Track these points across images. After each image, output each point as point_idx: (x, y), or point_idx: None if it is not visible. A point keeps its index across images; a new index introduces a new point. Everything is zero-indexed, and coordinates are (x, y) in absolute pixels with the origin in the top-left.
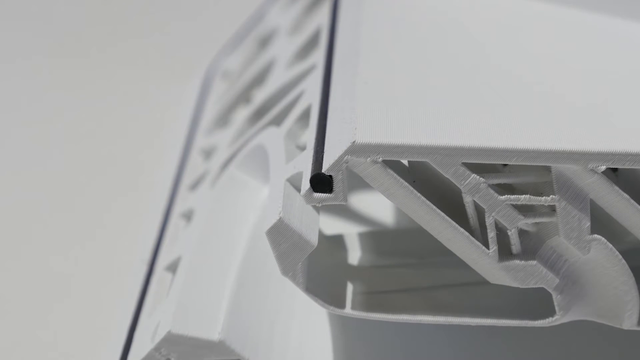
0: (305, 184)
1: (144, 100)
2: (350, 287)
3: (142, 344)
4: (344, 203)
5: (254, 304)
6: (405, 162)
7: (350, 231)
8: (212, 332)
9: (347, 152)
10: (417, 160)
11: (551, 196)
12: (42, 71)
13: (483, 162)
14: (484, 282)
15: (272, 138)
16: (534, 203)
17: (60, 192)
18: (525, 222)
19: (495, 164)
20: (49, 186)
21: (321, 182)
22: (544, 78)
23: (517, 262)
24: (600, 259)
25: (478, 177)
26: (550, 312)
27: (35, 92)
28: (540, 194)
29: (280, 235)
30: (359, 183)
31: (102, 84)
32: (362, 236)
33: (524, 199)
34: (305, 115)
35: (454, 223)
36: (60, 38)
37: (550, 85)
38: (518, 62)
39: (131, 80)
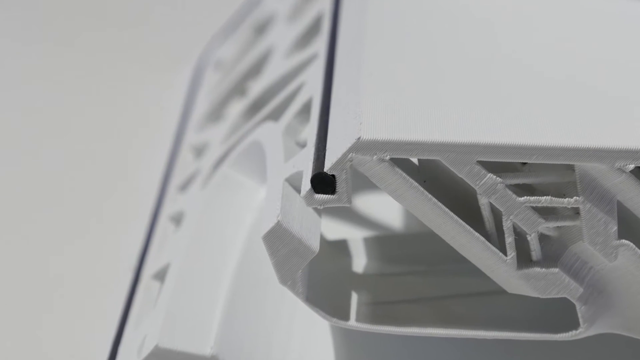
0: (306, 185)
1: (129, 93)
2: (354, 297)
3: (128, 359)
4: (348, 205)
5: (250, 316)
6: (415, 160)
7: (355, 236)
8: (204, 346)
9: (351, 150)
10: (429, 158)
11: (575, 198)
12: (20, 61)
13: (500, 160)
14: (500, 292)
15: (270, 134)
16: (555, 205)
17: (37, 193)
18: (547, 226)
19: (513, 163)
20: (23, 187)
21: (323, 182)
22: (562, 69)
23: (537, 269)
24: (628, 266)
25: (495, 176)
26: (574, 325)
27: (10, 84)
28: (563, 196)
29: (279, 240)
30: (364, 183)
31: (83, 75)
32: (368, 241)
33: (544, 200)
34: (305, 109)
35: (468, 227)
36: (40, 25)
37: (570, 76)
38: (534, 51)
39: (114, 71)
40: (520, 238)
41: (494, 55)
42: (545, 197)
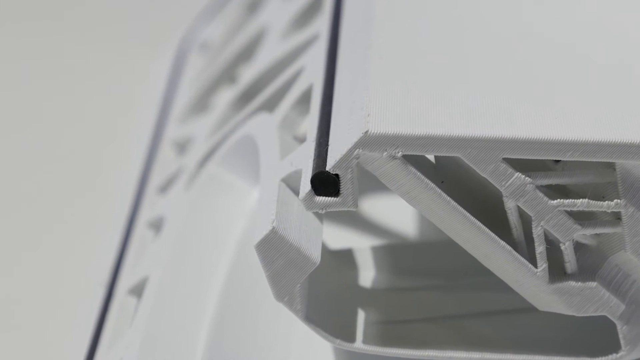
0: (305, 185)
1: (102, 79)
2: (361, 316)
3: None
4: (354, 209)
5: (241, 337)
6: (431, 157)
7: (362, 245)
8: None
9: (357, 145)
10: (447, 155)
11: (615, 200)
12: None
13: (530, 157)
14: (530, 309)
15: (263, 127)
16: (593, 209)
17: None
18: (583, 233)
19: (545, 160)
20: None
21: (325, 183)
22: (599, 51)
23: (572, 283)
24: None
25: (524, 176)
26: (614, 347)
27: None
28: (602, 198)
29: (274, 249)
30: (372, 184)
31: (46, 60)
32: (377, 251)
33: (581, 204)
34: (304, 99)
35: (492, 234)
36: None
37: (609, 59)
38: (569, 31)
39: (86, 55)
40: (553, 247)
41: (522, 35)
42: (581, 199)
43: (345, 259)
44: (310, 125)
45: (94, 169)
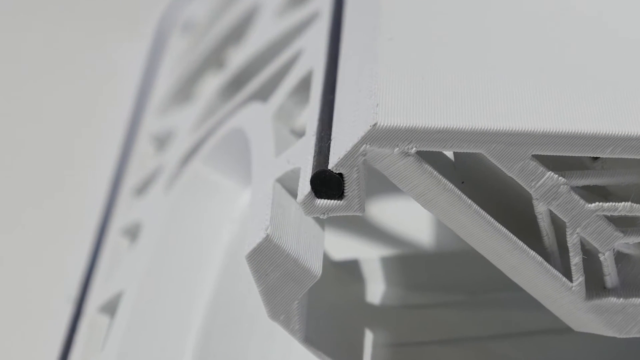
0: (305, 187)
1: (69, 64)
2: (368, 337)
3: None
4: (361, 214)
5: None
6: (450, 154)
7: (369, 255)
8: None
9: (365, 140)
10: (468, 151)
11: None
12: None
13: (564, 154)
14: (563, 330)
15: (256, 119)
16: (637, 214)
17: None
18: (625, 242)
19: (581, 158)
20: None
21: (327, 184)
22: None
23: (613, 299)
24: None
25: (557, 176)
26: None
27: None
28: None
29: (268, 261)
30: (382, 185)
31: (15, 41)
32: (386, 263)
33: (623, 207)
34: (303, 86)
35: (520, 243)
36: None
37: None
38: (604, 7)
39: (50, 35)
40: (590, 258)
41: (554, 12)
42: (623, 203)
43: (350, 271)
44: (310, 116)
45: (59, 167)
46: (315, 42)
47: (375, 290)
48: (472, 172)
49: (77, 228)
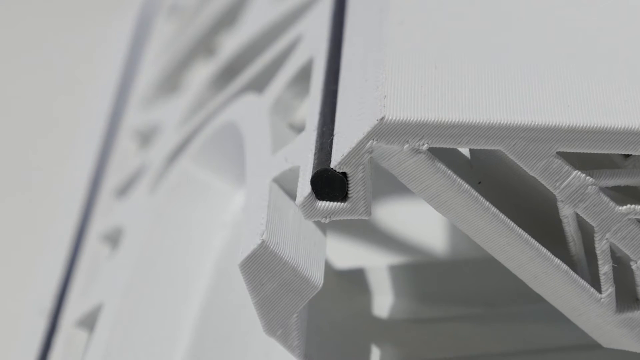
0: (304, 187)
1: (43, 49)
2: (375, 353)
3: None
4: (366, 218)
5: None
6: (465, 151)
7: (376, 264)
8: None
9: (371, 135)
10: (486, 148)
11: None
12: None
13: (592, 151)
14: (591, 346)
15: (250, 112)
16: None
17: None
18: None
19: (611, 155)
20: None
21: (329, 184)
22: None
23: None
24: None
25: (584, 175)
26: None
27: None
28: None
29: (263, 269)
30: (389, 185)
31: None
32: (394, 272)
33: None
34: (303, 76)
35: (543, 250)
36: None
37: None
38: None
39: (31, 21)
40: (621, 266)
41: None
42: None
43: (354, 281)
44: (310, 110)
45: (32, 165)
46: (316, 27)
47: (383, 302)
48: (490, 171)
49: (53, 233)
